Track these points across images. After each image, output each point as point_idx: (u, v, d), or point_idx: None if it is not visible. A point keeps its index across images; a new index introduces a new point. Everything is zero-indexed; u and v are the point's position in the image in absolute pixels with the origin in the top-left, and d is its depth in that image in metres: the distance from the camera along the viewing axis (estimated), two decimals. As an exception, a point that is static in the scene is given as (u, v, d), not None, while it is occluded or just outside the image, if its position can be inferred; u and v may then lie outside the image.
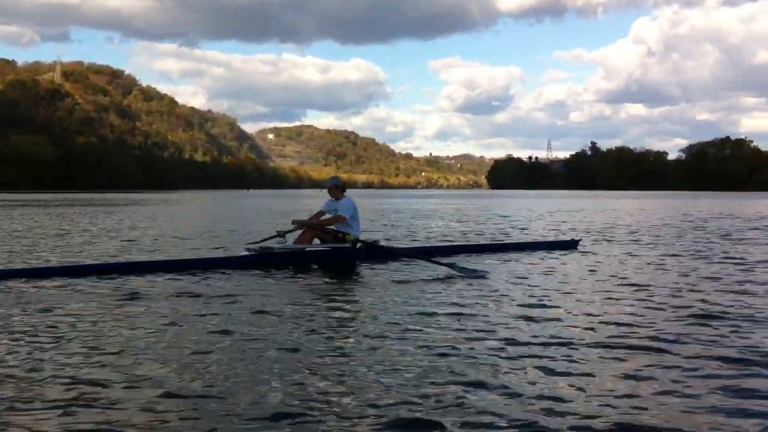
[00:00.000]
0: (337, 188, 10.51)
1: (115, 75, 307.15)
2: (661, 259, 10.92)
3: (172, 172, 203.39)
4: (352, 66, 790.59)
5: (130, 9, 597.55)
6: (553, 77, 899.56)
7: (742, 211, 32.13)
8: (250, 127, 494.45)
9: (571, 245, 12.53)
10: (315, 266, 9.43)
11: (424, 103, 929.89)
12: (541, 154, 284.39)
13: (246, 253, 9.51)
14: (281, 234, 10.19)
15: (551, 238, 14.61)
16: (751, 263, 10.31)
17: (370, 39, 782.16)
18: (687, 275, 8.93)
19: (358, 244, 9.91)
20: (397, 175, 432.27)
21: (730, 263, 10.38)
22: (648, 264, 10.34)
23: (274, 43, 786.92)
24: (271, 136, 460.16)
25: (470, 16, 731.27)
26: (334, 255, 9.83)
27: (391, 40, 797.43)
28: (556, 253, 11.39)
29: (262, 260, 9.28)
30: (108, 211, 30.90)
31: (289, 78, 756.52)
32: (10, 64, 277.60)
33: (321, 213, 10.58)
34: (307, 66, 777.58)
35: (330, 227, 10.08)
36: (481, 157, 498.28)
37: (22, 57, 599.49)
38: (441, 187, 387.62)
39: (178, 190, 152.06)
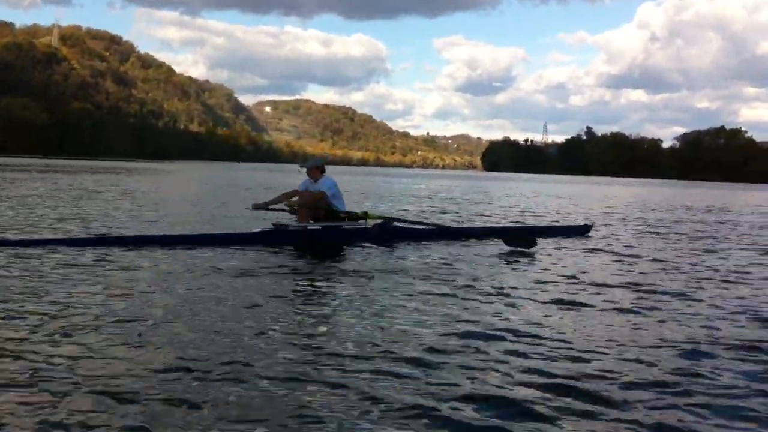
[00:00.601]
0: (317, 169, 10.02)
1: (114, 41, 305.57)
2: (674, 249, 10.86)
3: (165, 141, 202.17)
4: (354, 41, 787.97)
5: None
6: (556, 59, 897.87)
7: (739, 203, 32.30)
8: (247, 99, 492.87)
9: (583, 230, 12.44)
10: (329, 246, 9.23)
11: (425, 81, 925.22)
12: (538, 138, 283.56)
13: (259, 229, 9.32)
14: (262, 206, 10.05)
15: (563, 223, 14.60)
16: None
17: (373, 14, 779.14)
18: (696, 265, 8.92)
19: (371, 223, 9.81)
20: (393, 154, 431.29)
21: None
22: (660, 251, 10.44)
23: (276, 15, 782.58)
24: (268, 108, 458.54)
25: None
26: (349, 234, 9.64)
27: (395, 15, 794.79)
28: (569, 239, 11.33)
29: (273, 237, 9.06)
30: (98, 180, 30.61)
31: (291, 51, 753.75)
32: (8, 26, 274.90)
33: (294, 192, 10.16)
34: (309, 39, 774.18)
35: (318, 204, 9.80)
36: (479, 138, 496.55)
37: (23, 20, 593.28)
38: (437, 167, 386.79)
39: (171, 160, 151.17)
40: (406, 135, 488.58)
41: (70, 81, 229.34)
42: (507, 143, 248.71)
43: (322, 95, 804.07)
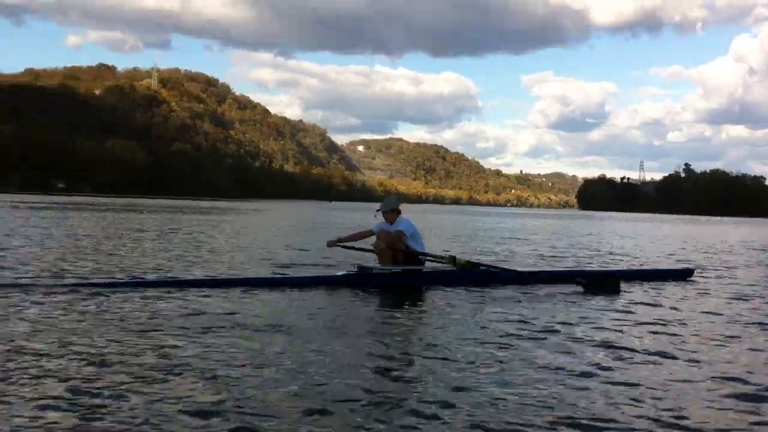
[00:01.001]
0: (393, 212, 9.74)
1: (210, 83, 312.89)
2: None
3: (261, 181, 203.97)
4: (443, 79, 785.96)
5: (228, 18, 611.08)
6: (649, 94, 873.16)
7: None
8: (340, 139, 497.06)
9: (684, 274, 11.67)
10: (423, 288, 9.11)
11: (516, 118, 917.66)
12: (635, 175, 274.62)
13: (344, 272, 9.33)
14: (338, 241, 10.00)
15: (662, 266, 14.00)
16: None
17: (460, 52, 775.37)
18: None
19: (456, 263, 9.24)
20: (486, 192, 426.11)
21: None
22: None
23: (366, 55, 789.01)
24: (361, 147, 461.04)
25: (563, 30, 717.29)
26: (435, 277, 9.54)
27: (482, 53, 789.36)
28: (668, 283, 10.65)
29: (358, 279, 9.00)
30: (198, 220, 31.00)
31: (382, 90, 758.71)
32: (111, 69, 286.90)
33: (368, 232, 9.93)
34: (398, 78, 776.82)
35: (400, 246, 9.48)
36: (574, 176, 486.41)
37: (124, 63, 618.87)
38: (531, 205, 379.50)
39: (267, 199, 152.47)
40: (498, 173, 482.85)
41: (169, 122, 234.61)
42: (602, 181, 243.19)
43: (413, 133, 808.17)
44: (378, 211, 9.82)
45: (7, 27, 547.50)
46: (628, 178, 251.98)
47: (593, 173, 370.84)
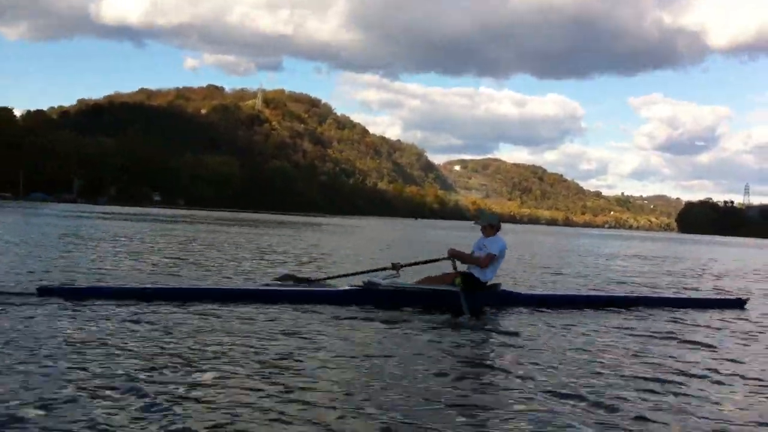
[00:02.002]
0: (492, 227, 9.43)
1: (313, 104, 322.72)
2: None
3: (353, 198, 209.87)
4: (548, 101, 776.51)
5: (338, 41, 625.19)
6: (764, 118, 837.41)
7: None
8: (438, 159, 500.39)
9: (735, 304, 11.01)
10: (420, 309, 8.53)
11: (621, 141, 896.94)
12: (741, 199, 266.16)
13: (347, 287, 9.03)
14: (396, 267, 9.07)
15: (712, 295, 13.09)
16: None
17: (568, 74, 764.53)
18: None
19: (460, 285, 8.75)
20: (583, 213, 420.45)
21: None
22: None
23: (471, 77, 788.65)
24: (457, 167, 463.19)
25: (677, 52, 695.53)
26: (439, 298, 8.81)
27: (589, 75, 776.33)
28: (715, 313, 10.01)
29: (365, 296, 8.74)
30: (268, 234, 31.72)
31: (485, 112, 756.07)
32: (219, 90, 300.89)
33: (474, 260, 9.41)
34: (503, 100, 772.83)
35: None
36: (678, 199, 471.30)
37: (239, 84, 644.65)
38: (630, 227, 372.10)
39: (359, 215, 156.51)
40: (597, 194, 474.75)
41: (270, 141, 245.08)
42: (704, 204, 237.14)
43: (513, 155, 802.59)
44: (475, 224, 9.66)
45: (129, 49, 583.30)
46: (732, 202, 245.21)
47: (699, 197, 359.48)
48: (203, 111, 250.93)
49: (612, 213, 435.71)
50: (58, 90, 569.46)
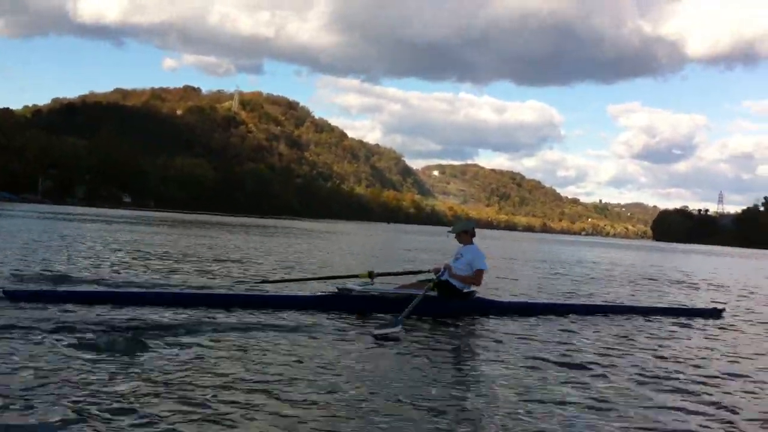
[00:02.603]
0: (467, 233, 9.35)
1: (291, 106, 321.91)
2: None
3: (329, 202, 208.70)
4: (528, 107, 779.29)
5: (318, 44, 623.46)
6: (740, 128, 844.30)
7: None
8: (417, 163, 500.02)
9: (711, 314, 10.84)
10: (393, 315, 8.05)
11: (599, 148, 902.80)
12: (715, 208, 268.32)
13: (320, 293, 9.13)
14: (371, 276, 9.16)
15: (687, 304, 12.78)
16: None
17: (548, 80, 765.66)
18: None
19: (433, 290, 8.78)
20: (560, 220, 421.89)
21: None
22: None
23: (451, 82, 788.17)
24: (436, 172, 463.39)
25: (656, 60, 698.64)
26: (420, 304, 8.43)
27: (569, 82, 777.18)
28: (690, 322, 9.87)
29: (338, 301, 8.64)
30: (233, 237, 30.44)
31: (465, 117, 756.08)
32: (196, 91, 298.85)
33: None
34: (483, 105, 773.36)
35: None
36: (655, 206, 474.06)
37: (215, 85, 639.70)
38: (607, 235, 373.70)
39: (333, 219, 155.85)
40: (575, 201, 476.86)
41: (246, 143, 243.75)
42: (679, 212, 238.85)
43: (492, 161, 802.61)
44: (450, 232, 9.48)
45: (107, 48, 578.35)
46: (707, 210, 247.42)
47: (675, 205, 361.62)
48: (179, 112, 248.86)
49: (589, 220, 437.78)
50: (35, 89, 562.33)
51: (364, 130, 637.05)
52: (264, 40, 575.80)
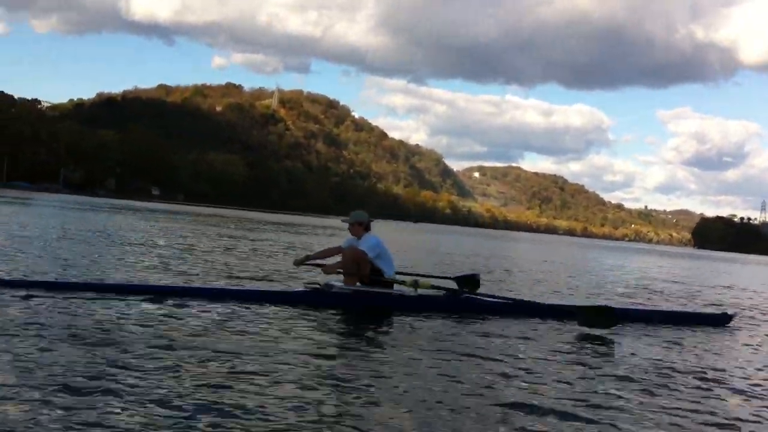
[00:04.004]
0: (360, 225, 8.74)
1: (331, 105, 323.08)
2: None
3: (363, 200, 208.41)
4: (575, 111, 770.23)
5: (366, 45, 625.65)
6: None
7: None
8: (458, 165, 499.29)
9: (719, 320, 10.13)
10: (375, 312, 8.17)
11: (647, 154, 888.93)
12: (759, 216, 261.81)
13: (301, 288, 8.78)
14: (299, 263, 9.16)
15: (693, 310, 12.11)
16: None
17: (596, 84, 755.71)
18: None
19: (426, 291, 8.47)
20: (602, 225, 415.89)
21: None
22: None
23: (498, 84, 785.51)
24: (476, 174, 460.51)
25: (708, 66, 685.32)
26: (410, 301, 8.47)
27: (618, 86, 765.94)
28: (696, 329, 9.25)
29: (318, 298, 8.35)
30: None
31: (510, 119, 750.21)
32: (237, 88, 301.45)
33: (336, 250, 9.10)
34: (529, 108, 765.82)
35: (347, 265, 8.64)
36: (702, 214, 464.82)
37: (266, 85, 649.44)
38: (650, 242, 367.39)
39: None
40: (619, 207, 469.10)
41: (283, 141, 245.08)
42: (720, 220, 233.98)
43: (537, 164, 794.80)
44: (344, 221, 9.08)
45: (158, 46, 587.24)
46: (749, 219, 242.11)
47: (724, 213, 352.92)
48: (218, 108, 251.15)
49: (633, 226, 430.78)
50: (85, 83, 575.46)
51: (409, 131, 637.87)
52: (311, 39, 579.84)
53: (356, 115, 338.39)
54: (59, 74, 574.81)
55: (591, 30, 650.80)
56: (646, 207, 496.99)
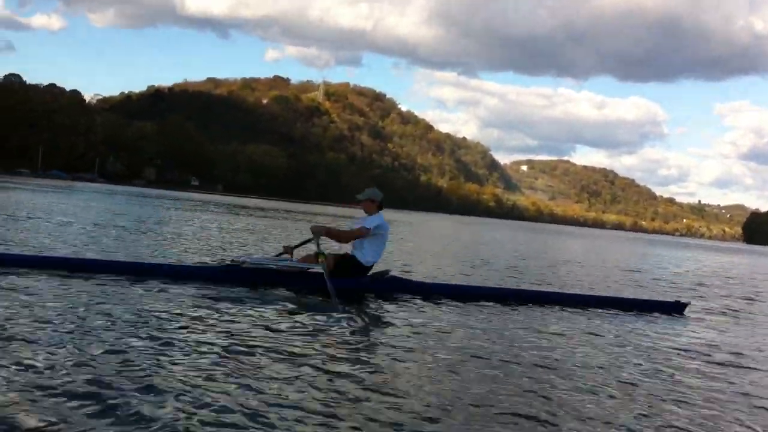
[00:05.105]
0: (372, 202, 8.40)
1: (377, 98, 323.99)
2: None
3: (404, 192, 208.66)
4: (629, 103, 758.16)
5: (416, 37, 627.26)
6: None
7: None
8: (507, 158, 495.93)
9: (673, 309, 9.85)
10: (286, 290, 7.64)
11: (703, 147, 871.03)
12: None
13: (212, 264, 8.63)
14: (288, 251, 8.58)
15: (648, 297, 11.65)
16: None
17: (651, 77, 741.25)
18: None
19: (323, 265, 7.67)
20: (653, 219, 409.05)
21: None
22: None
23: (550, 77, 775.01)
24: (524, 168, 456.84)
25: (767, 58, 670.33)
26: (307, 279, 7.98)
27: (674, 78, 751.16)
28: (645, 316, 9.05)
29: (228, 274, 7.99)
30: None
31: (562, 112, 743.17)
32: (285, 81, 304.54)
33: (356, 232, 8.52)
34: (581, 101, 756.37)
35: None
36: (757, 209, 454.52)
37: (320, 77, 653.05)
38: (702, 237, 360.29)
39: (407, 210, 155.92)
40: (671, 201, 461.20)
41: (327, 133, 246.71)
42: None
43: (589, 157, 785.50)
44: (357, 197, 8.54)
45: (212, 39, 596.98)
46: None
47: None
48: (264, 101, 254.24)
49: (684, 221, 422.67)
50: (139, 77, 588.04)
51: (459, 124, 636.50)
52: (362, 32, 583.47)
53: (403, 108, 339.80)
54: (114, 68, 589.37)
55: (647, 21, 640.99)
56: (699, 201, 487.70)
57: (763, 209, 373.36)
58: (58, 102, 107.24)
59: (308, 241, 8.39)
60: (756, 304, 12.79)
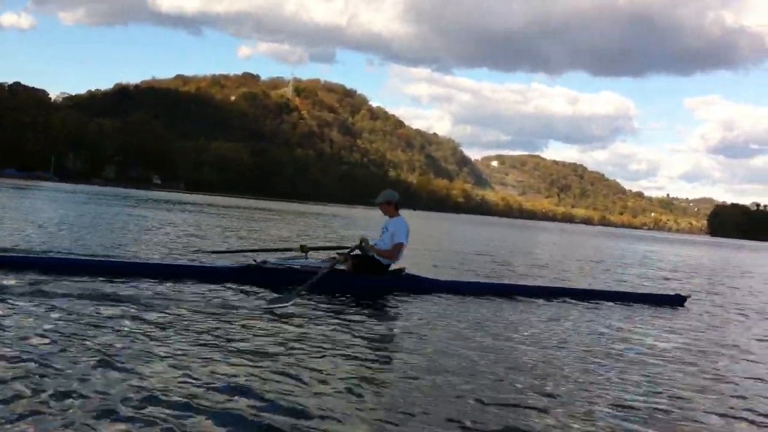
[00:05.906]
0: (389, 204, 8.87)
1: (347, 94, 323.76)
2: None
3: (374, 188, 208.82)
4: (602, 98, 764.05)
5: (390, 33, 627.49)
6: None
7: None
8: (478, 154, 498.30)
9: (674, 301, 10.28)
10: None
11: (675, 142, 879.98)
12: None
13: (234, 265, 8.69)
14: (304, 250, 8.93)
15: (650, 291, 12.02)
16: None
17: (623, 71, 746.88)
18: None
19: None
20: (621, 214, 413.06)
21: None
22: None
23: (524, 72, 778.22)
24: (494, 163, 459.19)
25: (738, 52, 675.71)
26: (336, 279, 8.18)
27: (646, 73, 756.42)
28: (651, 310, 9.33)
29: (250, 274, 8.20)
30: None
31: (536, 108, 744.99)
32: (254, 78, 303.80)
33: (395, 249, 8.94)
34: (555, 96, 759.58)
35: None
36: (724, 202, 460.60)
37: (293, 74, 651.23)
38: (669, 230, 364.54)
39: (371, 206, 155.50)
40: (639, 195, 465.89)
41: (297, 130, 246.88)
42: (736, 208, 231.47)
43: (562, 152, 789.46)
44: (373, 202, 9.07)
45: (184, 37, 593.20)
46: (765, 206, 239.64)
47: (748, 201, 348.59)
48: (232, 98, 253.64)
49: (652, 214, 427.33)
50: (107, 75, 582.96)
51: (433, 120, 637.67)
52: (337, 28, 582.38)
53: (375, 104, 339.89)
54: (83, 66, 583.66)
55: (620, 16, 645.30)
56: (668, 195, 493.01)
57: (729, 202, 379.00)
58: (16, 100, 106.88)
59: (356, 248, 8.56)
60: (701, 292, 13.21)
